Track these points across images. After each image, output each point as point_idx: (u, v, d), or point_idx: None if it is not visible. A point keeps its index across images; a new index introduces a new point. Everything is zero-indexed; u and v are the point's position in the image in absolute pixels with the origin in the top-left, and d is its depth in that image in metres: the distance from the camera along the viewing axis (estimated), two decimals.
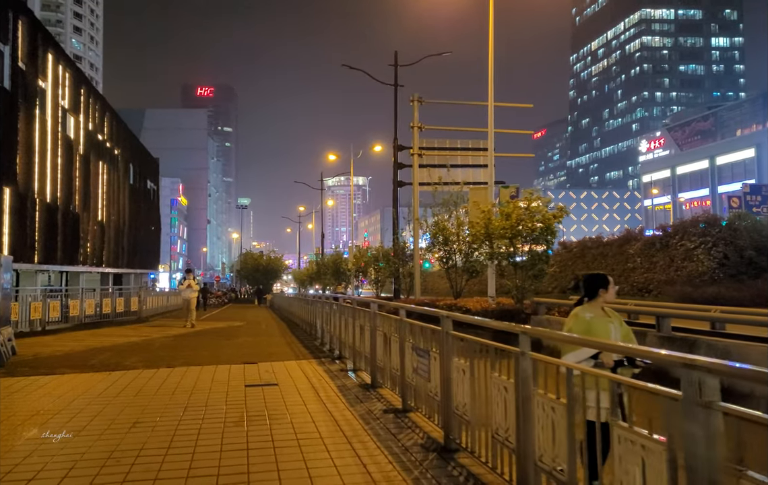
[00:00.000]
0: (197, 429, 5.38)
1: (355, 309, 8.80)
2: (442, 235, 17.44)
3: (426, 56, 27.91)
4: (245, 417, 5.81)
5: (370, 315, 7.64)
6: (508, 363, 3.75)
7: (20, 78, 29.15)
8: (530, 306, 12.21)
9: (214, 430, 5.33)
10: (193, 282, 19.06)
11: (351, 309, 9.09)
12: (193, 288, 18.96)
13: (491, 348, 4.04)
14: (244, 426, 5.45)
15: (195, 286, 19.13)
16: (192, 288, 18.88)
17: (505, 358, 3.80)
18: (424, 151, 23.22)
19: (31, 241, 30.18)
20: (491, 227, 13.02)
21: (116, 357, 10.38)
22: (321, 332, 13.05)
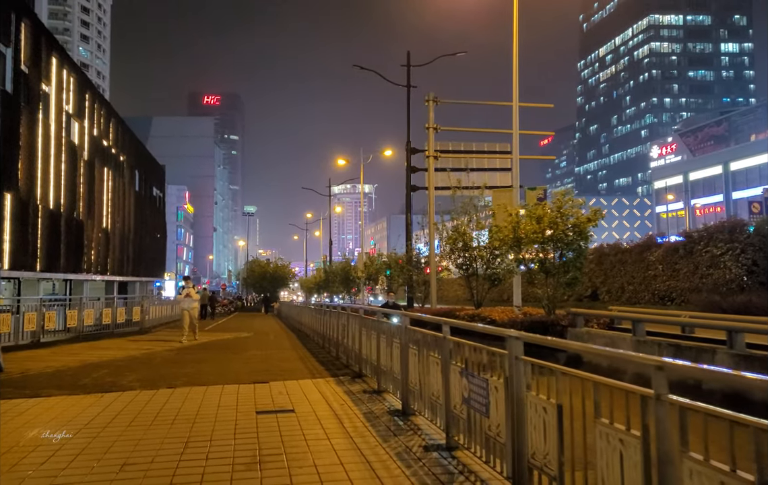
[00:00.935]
0: (200, 474, 4.36)
1: (381, 323, 7.77)
2: (462, 239, 16.39)
3: (440, 56, 27.02)
4: (258, 456, 4.78)
5: (401, 330, 6.59)
6: (627, 404, 2.70)
7: (23, 81, 28.38)
8: (566, 317, 11.13)
9: (220, 476, 4.31)
10: (192, 290, 16.90)
11: (375, 322, 8.06)
12: (193, 297, 16.79)
13: (593, 384, 2.98)
14: (258, 471, 4.42)
15: (195, 296, 16.93)
16: (191, 297, 16.72)
17: (622, 396, 2.74)
18: (440, 153, 22.23)
19: (33, 249, 29.33)
20: (521, 231, 11.95)
21: (112, 374, 9.38)
22: (337, 346, 12.02)
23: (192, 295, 16.67)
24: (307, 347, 14.89)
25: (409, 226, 25.62)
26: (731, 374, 2.28)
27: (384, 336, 7.58)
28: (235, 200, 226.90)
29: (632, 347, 8.72)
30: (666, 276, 28.76)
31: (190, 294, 16.61)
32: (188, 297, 16.64)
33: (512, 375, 3.79)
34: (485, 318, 14.23)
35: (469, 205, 17.43)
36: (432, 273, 20.84)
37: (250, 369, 10.36)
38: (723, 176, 73.04)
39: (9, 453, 4.89)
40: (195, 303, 16.94)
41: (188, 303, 16.63)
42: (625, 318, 9.85)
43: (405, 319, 6.54)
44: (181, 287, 17.32)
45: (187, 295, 16.64)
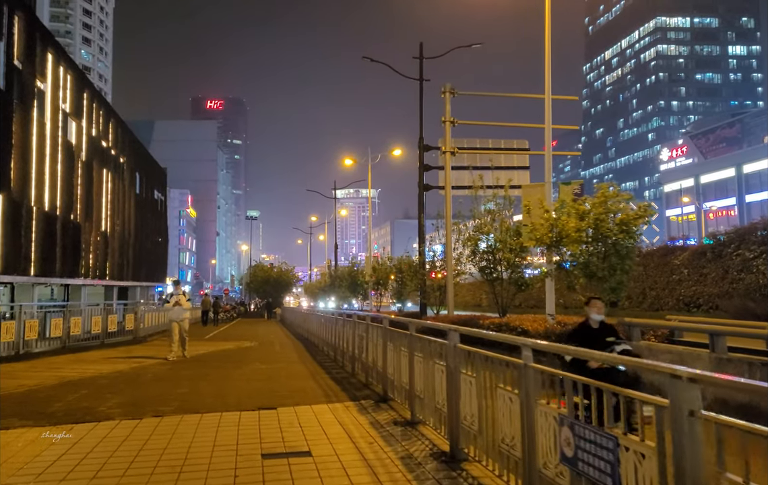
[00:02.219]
0: None
1: (416, 340, 6.32)
2: (485, 241, 14.92)
3: (454, 48, 25.62)
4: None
5: (448, 350, 5.16)
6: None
7: (16, 77, 27.02)
8: (620, 329, 9.65)
9: None
10: (183, 298, 14.34)
11: (407, 338, 6.61)
12: (183, 306, 14.22)
13: None
14: None
15: (186, 305, 14.39)
16: (182, 306, 14.18)
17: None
18: (460, 150, 20.81)
19: (27, 252, 27.93)
20: (563, 229, 10.49)
21: (91, 397, 7.92)
22: (353, 360, 10.56)
23: (183, 304, 14.23)
24: (317, 360, 13.44)
25: (422, 228, 24.20)
26: None
27: (420, 356, 6.12)
28: (238, 205, 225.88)
29: (713, 366, 7.28)
30: (692, 282, 27.30)
31: (180, 302, 14.19)
32: (178, 307, 14.18)
33: (683, 440, 2.33)
34: (515, 329, 12.79)
35: (492, 202, 15.97)
36: (449, 277, 19.39)
37: (253, 388, 8.90)
38: (736, 179, 71.43)
39: None
40: (186, 313, 14.45)
41: (178, 313, 14.13)
42: (694, 330, 8.42)
43: (452, 336, 5.09)
44: (169, 295, 15.66)
45: (176, 304, 14.23)
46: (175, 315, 14.14)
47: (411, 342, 6.45)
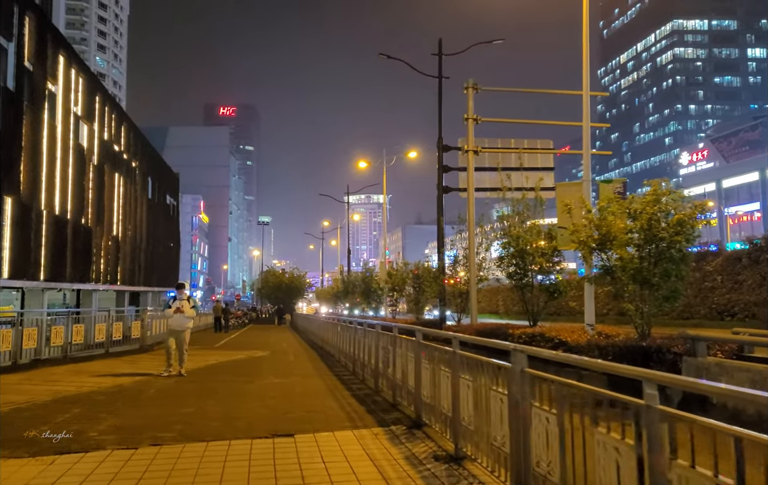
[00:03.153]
0: None
1: (458, 358, 5.30)
2: (514, 245, 13.90)
3: (474, 44, 24.65)
4: None
5: (511, 375, 4.13)
6: None
7: (26, 78, 26.47)
8: (677, 341, 8.55)
9: None
10: (187, 304, 12.11)
11: (449, 355, 5.59)
12: (187, 313, 12.04)
13: None
14: None
15: (190, 312, 12.16)
16: (184, 313, 11.97)
17: None
18: (484, 150, 19.79)
19: (36, 257, 27.34)
20: (610, 230, 9.42)
21: (84, 418, 6.98)
22: (376, 375, 9.55)
23: (186, 311, 11.98)
24: (335, 372, 12.45)
25: (442, 231, 23.18)
26: None
27: (468, 379, 5.10)
28: (250, 210, 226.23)
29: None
30: (726, 289, 25.95)
31: (183, 309, 11.93)
32: (180, 314, 11.91)
33: None
34: (551, 340, 11.70)
35: (521, 203, 14.95)
36: (472, 283, 18.34)
37: (267, 408, 7.91)
38: (760, 183, 69.58)
39: None
40: (189, 322, 12.18)
41: (180, 322, 11.92)
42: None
43: (518, 359, 4.07)
44: (171, 299, 12.47)
45: (178, 311, 11.95)
46: (176, 323, 11.95)
47: (455, 362, 5.43)
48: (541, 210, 14.73)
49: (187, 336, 12.18)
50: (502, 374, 4.41)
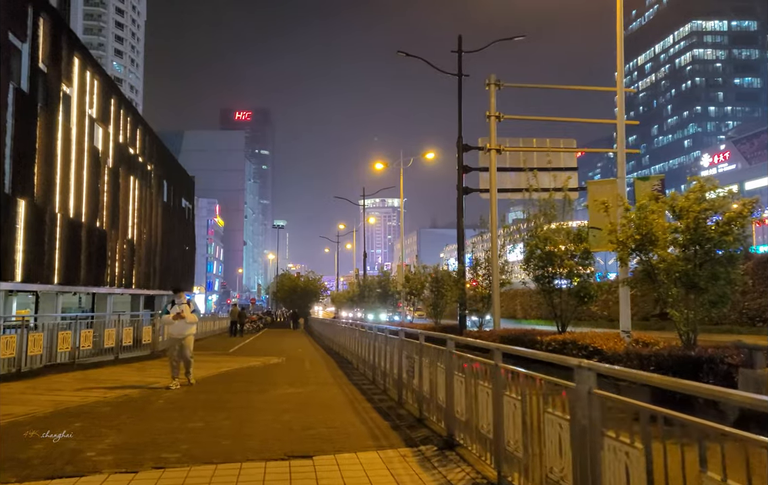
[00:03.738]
0: None
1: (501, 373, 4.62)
2: (542, 246, 13.15)
3: (495, 41, 23.98)
4: None
5: (577, 396, 3.45)
6: None
7: (40, 80, 26.25)
8: (732, 351, 7.78)
9: None
10: (187, 308, 11.04)
11: (490, 370, 4.90)
12: (188, 319, 10.98)
13: None
14: None
15: (191, 317, 11.11)
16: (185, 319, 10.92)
17: None
18: (506, 149, 19.07)
19: (50, 260, 27.07)
20: (652, 229, 8.67)
21: (83, 433, 6.38)
22: (399, 386, 8.87)
23: (187, 316, 10.94)
24: (353, 381, 11.80)
25: (462, 234, 22.48)
26: None
27: (515, 398, 4.41)
28: (265, 214, 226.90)
29: None
30: (757, 293, 24.97)
31: (183, 314, 10.88)
32: (180, 320, 10.88)
33: None
34: (585, 348, 10.94)
35: (548, 203, 14.20)
36: (495, 287, 17.60)
37: (282, 423, 7.26)
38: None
39: None
40: (191, 329, 11.17)
41: (180, 329, 10.88)
42: None
43: (585, 377, 3.38)
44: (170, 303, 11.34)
45: (178, 316, 10.88)
46: (176, 330, 10.96)
47: (497, 377, 4.75)
48: (569, 210, 13.96)
49: (190, 343, 11.21)
50: (567, 397, 3.71)
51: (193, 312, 11.24)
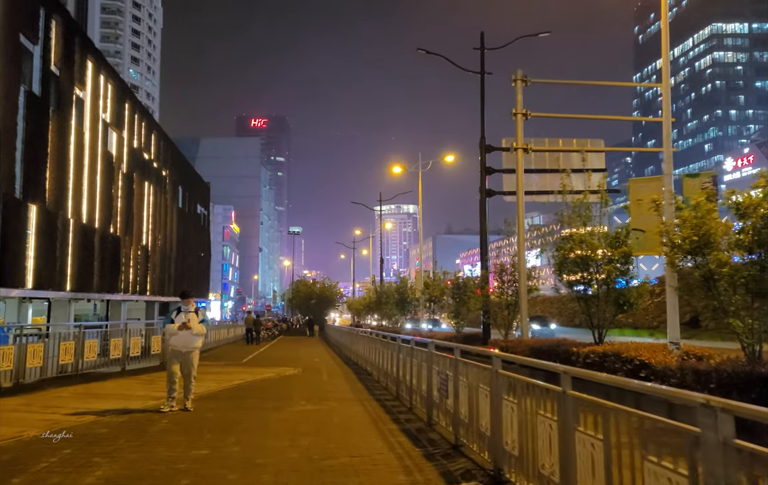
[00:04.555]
0: None
1: (571, 401, 3.69)
2: (578, 250, 12.16)
3: (519, 37, 23.09)
4: None
5: (706, 443, 2.46)
6: None
7: (53, 83, 25.75)
8: None
9: None
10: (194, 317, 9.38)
11: (558, 399, 3.97)
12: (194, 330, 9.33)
13: None
14: None
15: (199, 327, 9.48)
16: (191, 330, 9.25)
17: None
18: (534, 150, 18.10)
19: (62, 266, 26.50)
20: (711, 230, 7.67)
21: (71, 463, 5.54)
22: (430, 405, 7.93)
23: (194, 327, 9.28)
24: (375, 395, 10.89)
25: (485, 238, 21.49)
26: None
27: (594, 438, 3.47)
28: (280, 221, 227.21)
29: None
30: None
31: (189, 324, 9.23)
32: (185, 331, 9.21)
33: None
34: (629, 361, 9.94)
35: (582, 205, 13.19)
36: (522, 294, 16.59)
37: (299, 449, 6.36)
38: None
39: None
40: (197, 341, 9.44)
41: (185, 341, 9.23)
42: None
43: (721, 421, 2.43)
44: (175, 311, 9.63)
45: (183, 327, 9.20)
46: (180, 343, 9.22)
47: (566, 408, 3.80)
48: (606, 212, 12.93)
49: (194, 359, 9.41)
50: (667, 435, 2.76)
51: (201, 323, 9.62)
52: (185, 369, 9.28)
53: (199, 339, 9.53)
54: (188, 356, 9.30)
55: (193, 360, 9.36)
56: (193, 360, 9.39)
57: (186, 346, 9.29)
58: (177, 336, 9.28)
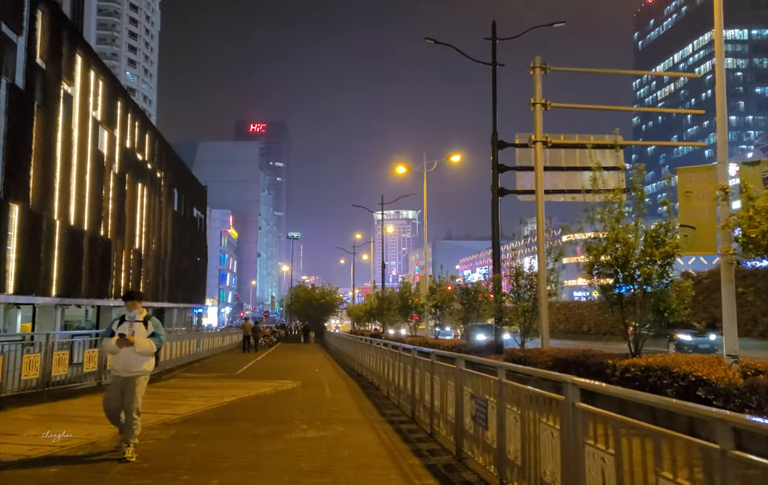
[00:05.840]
0: None
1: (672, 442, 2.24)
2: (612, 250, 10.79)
3: (532, 27, 21.75)
4: None
5: None
6: None
7: (38, 77, 24.28)
8: None
9: None
10: (142, 328, 6.84)
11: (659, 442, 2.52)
12: (139, 346, 6.77)
13: None
14: None
15: (146, 343, 6.84)
16: (135, 344, 6.74)
17: None
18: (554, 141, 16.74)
19: (48, 270, 24.99)
20: None
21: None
22: (458, 434, 6.48)
23: (139, 343, 6.76)
24: (387, 416, 9.47)
25: (497, 240, 20.08)
26: None
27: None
28: (279, 226, 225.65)
29: None
30: None
31: (131, 338, 6.74)
32: (127, 348, 6.72)
33: None
34: (682, 377, 8.55)
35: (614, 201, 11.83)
36: (542, 300, 15.21)
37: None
38: None
39: None
40: (145, 363, 6.91)
41: (127, 361, 6.76)
42: None
43: None
44: (117, 321, 7.07)
45: (123, 341, 6.71)
46: (120, 363, 6.77)
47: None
48: (642, 208, 11.55)
49: (140, 389, 6.78)
50: None
51: (153, 337, 6.87)
52: (126, 400, 6.62)
53: (146, 360, 6.80)
54: (130, 383, 6.67)
55: (136, 389, 6.68)
56: (137, 388, 6.71)
57: (127, 369, 6.69)
58: (116, 354, 6.76)
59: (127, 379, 6.70)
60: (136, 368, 6.74)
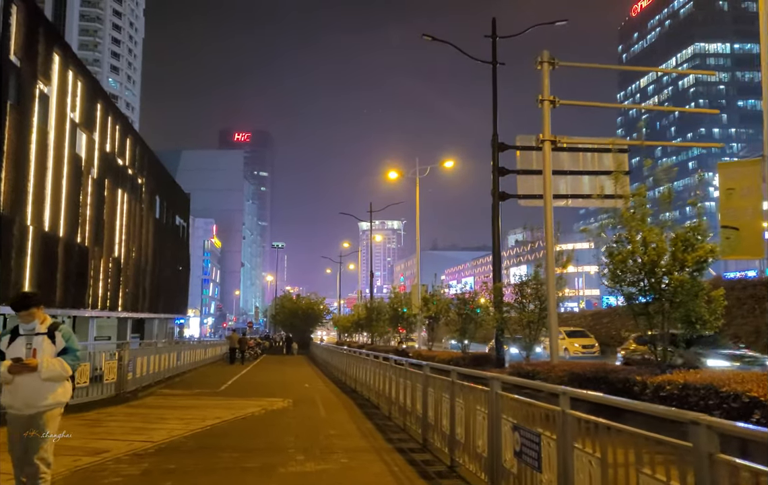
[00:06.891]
0: None
1: None
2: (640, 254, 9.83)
3: (533, 26, 21.02)
4: None
5: None
6: None
7: (12, 74, 22.90)
8: None
9: None
10: (48, 344, 4.66)
11: None
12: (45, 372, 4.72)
13: None
14: None
15: (54, 365, 4.78)
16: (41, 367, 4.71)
17: None
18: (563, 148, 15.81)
19: (18, 278, 23.41)
20: None
21: None
22: (493, 471, 5.35)
23: (45, 366, 4.74)
24: (395, 443, 8.34)
25: (498, 248, 19.18)
26: None
27: None
28: (263, 236, 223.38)
29: None
30: None
31: (30, 362, 4.72)
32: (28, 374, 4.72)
33: None
34: (730, 397, 7.54)
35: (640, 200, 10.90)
36: (551, 311, 14.19)
37: None
38: None
39: None
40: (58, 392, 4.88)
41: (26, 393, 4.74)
42: None
43: None
44: (7, 336, 4.88)
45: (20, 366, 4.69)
46: (18, 398, 4.77)
47: None
48: (668, 208, 10.61)
49: (50, 428, 4.85)
50: None
51: (64, 354, 4.90)
52: (29, 444, 4.69)
53: (57, 388, 4.85)
54: (37, 422, 4.76)
55: (45, 428, 4.77)
56: (46, 427, 4.78)
57: (30, 403, 4.75)
58: (12, 385, 4.71)
59: (32, 417, 4.71)
60: (43, 401, 4.73)
